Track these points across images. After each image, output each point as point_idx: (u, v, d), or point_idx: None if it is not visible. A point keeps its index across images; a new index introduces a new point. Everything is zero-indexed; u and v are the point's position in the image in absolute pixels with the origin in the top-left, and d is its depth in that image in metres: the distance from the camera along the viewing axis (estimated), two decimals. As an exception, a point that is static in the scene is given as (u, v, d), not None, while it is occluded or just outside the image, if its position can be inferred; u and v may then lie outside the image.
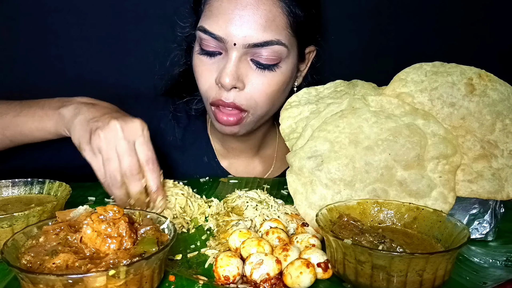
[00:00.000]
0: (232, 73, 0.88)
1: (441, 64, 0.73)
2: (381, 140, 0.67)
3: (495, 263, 0.64)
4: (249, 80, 0.91)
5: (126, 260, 0.49)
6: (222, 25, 0.87)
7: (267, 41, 0.88)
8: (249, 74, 0.91)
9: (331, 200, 0.65)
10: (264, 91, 0.92)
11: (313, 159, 0.68)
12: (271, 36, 0.88)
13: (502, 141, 0.68)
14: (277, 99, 0.96)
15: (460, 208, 0.69)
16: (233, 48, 0.88)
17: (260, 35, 0.87)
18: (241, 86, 0.90)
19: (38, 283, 0.46)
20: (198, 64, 0.94)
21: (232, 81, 0.88)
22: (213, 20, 0.89)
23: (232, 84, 0.88)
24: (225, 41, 0.88)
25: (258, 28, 0.87)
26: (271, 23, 0.88)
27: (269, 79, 0.92)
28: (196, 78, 0.96)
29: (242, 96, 0.91)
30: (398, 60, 0.83)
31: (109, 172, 0.71)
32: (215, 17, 0.89)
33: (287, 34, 0.91)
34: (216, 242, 0.68)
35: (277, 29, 0.89)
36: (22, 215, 0.59)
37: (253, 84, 0.91)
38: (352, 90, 0.77)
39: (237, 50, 0.88)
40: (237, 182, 0.99)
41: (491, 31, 1.61)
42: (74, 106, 0.80)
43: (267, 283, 0.54)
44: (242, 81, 0.90)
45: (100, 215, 0.54)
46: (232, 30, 0.87)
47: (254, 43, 0.87)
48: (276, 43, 0.89)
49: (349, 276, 0.53)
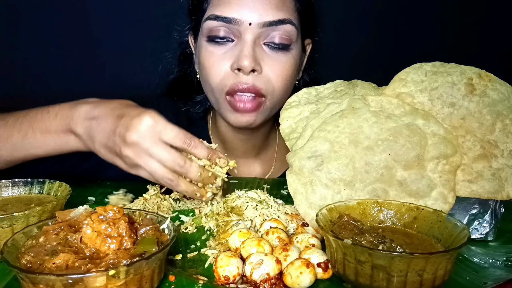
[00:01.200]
0: (251, 55, 0.89)
1: (441, 64, 0.73)
2: (381, 140, 0.67)
3: (495, 263, 0.64)
4: (266, 63, 0.91)
5: (126, 260, 0.49)
6: (235, 7, 0.89)
7: (281, 19, 0.90)
8: (264, 58, 0.92)
9: (331, 200, 0.65)
10: (280, 74, 0.93)
11: (313, 159, 0.68)
12: (284, 15, 0.91)
13: (502, 141, 0.68)
14: (290, 85, 0.97)
15: (460, 208, 0.69)
16: (247, 30, 0.89)
17: (275, 13, 0.89)
18: (259, 69, 0.91)
19: (38, 283, 0.46)
20: (208, 56, 0.93)
21: (252, 62, 0.88)
22: (224, 6, 0.90)
23: (252, 66, 0.88)
24: (239, 23, 0.89)
25: (272, 7, 0.89)
26: (283, 4, 0.91)
27: (283, 62, 0.93)
28: (206, 72, 0.94)
29: (261, 80, 0.91)
30: (398, 60, 0.83)
31: (161, 179, 0.71)
32: (227, 2, 0.90)
33: (296, 17, 0.94)
34: (216, 242, 0.68)
35: (288, 10, 0.92)
36: (22, 215, 0.60)
37: (270, 67, 0.92)
38: (352, 90, 0.77)
39: (252, 31, 0.89)
40: (237, 182, 0.99)
41: (491, 31, 1.61)
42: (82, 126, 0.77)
43: (267, 283, 0.54)
44: (259, 64, 0.91)
45: (100, 215, 0.54)
46: (246, 11, 0.88)
47: (270, 21, 0.89)
48: (289, 22, 0.91)
49: (349, 276, 0.53)
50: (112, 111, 0.75)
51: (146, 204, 0.79)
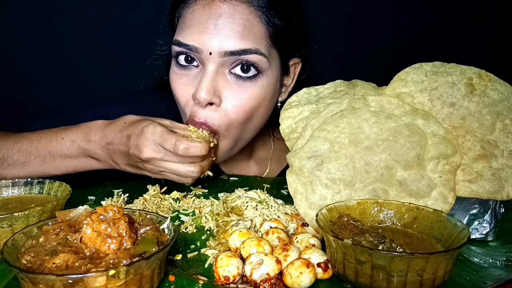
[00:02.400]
0: (208, 88, 0.83)
1: (441, 64, 0.73)
2: (381, 140, 0.67)
3: (495, 263, 0.64)
4: (226, 94, 0.86)
5: (126, 260, 0.49)
6: (196, 35, 0.84)
7: (244, 49, 0.83)
8: (226, 88, 0.86)
9: (331, 200, 0.65)
10: (242, 107, 0.86)
11: (313, 159, 0.68)
12: (249, 44, 0.84)
13: (502, 141, 0.68)
14: (257, 116, 0.91)
15: (460, 208, 0.69)
16: (209, 59, 0.84)
17: (237, 43, 0.83)
18: (217, 102, 0.85)
19: (38, 283, 0.46)
20: (174, 78, 0.90)
21: (208, 96, 0.83)
22: (186, 32, 0.86)
23: (208, 99, 0.83)
24: (200, 51, 0.84)
25: (235, 35, 0.83)
26: (249, 32, 0.84)
27: (248, 92, 0.86)
28: (174, 93, 0.92)
29: (215, 115, 0.86)
30: (398, 60, 0.83)
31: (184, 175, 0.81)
32: (188, 28, 0.86)
33: (267, 44, 0.86)
34: (216, 242, 0.68)
35: (255, 38, 0.85)
36: (22, 215, 0.59)
37: (230, 99, 0.86)
38: (352, 90, 0.77)
39: (214, 61, 0.84)
40: (236, 179, 0.99)
41: (491, 31, 1.61)
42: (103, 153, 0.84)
43: (267, 283, 0.54)
44: (219, 96, 0.85)
45: (100, 215, 0.54)
46: (207, 39, 0.83)
47: (231, 51, 0.83)
48: (255, 52, 0.84)
49: (349, 276, 0.53)
50: (120, 133, 0.82)
51: (146, 204, 0.80)
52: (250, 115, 0.89)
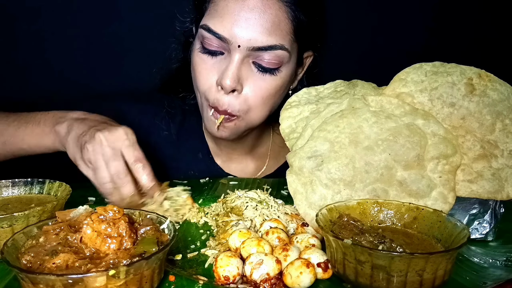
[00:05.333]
0: (233, 76, 0.87)
1: (441, 64, 0.73)
2: (381, 140, 0.67)
3: (495, 263, 0.64)
4: (248, 83, 0.90)
5: (126, 260, 0.49)
6: (227, 25, 0.87)
7: (271, 46, 0.88)
8: (249, 77, 0.90)
9: (331, 200, 0.65)
10: (260, 95, 0.92)
11: (313, 159, 0.68)
12: (276, 40, 0.88)
13: (502, 141, 0.68)
14: (272, 103, 0.96)
15: (460, 208, 0.69)
16: (236, 50, 0.87)
17: (265, 39, 0.87)
18: (239, 89, 0.90)
19: (38, 283, 0.46)
20: (199, 63, 0.93)
21: (233, 83, 0.87)
22: (217, 20, 0.88)
23: (232, 87, 0.88)
24: (229, 42, 0.87)
25: (264, 32, 0.86)
26: (276, 28, 0.88)
27: (268, 83, 0.92)
28: (195, 77, 0.95)
29: (236, 102, 0.91)
30: (398, 60, 0.83)
31: (99, 180, 0.73)
32: (220, 17, 0.88)
33: (290, 39, 0.91)
34: (216, 242, 0.68)
35: (281, 34, 0.89)
36: (22, 215, 0.59)
37: (251, 87, 0.91)
38: (352, 90, 0.77)
39: (240, 52, 0.87)
40: (237, 183, 0.99)
41: (491, 31, 1.61)
42: (67, 123, 0.83)
43: (267, 283, 0.54)
44: (242, 83, 0.90)
45: (100, 215, 0.54)
46: (238, 32, 0.86)
47: (259, 47, 0.87)
48: (280, 48, 0.89)
49: (349, 276, 0.53)
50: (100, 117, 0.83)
51: None
52: (266, 102, 0.94)
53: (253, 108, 0.93)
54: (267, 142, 1.16)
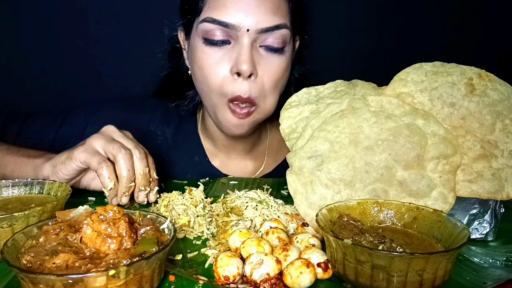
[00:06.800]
0: (250, 59, 0.90)
1: (441, 64, 0.73)
2: (381, 140, 0.67)
3: (495, 263, 0.64)
4: (261, 66, 0.92)
5: (126, 260, 0.49)
6: (233, 12, 0.89)
7: (277, 25, 0.91)
8: (260, 61, 0.92)
9: (331, 200, 0.65)
10: (273, 77, 0.94)
11: (313, 159, 0.68)
12: (280, 20, 0.91)
13: (502, 141, 0.68)
14: (281, 87, 0.98)
15: (460, 208, 0.69)
16: (245, 35, 0.89)
17: (271, 19, 0.90)
18: (255, 74, 0.92)
19: (38, 283, 0.46)
20: (205, 57, 0.93)
21: (250, 67, 0.89)
22: (221, 10, 0.90)
23: (250, 70, 0.89)
24: (237, 28, 0.89)
25: (268, 13, 0.90)
26: (278, 8, 0.92)
27: (277, 63, 0.94)
28: (203, 74, 0.94)
29: (255, 87, 0.92)
30: (398, 60, 0.83)
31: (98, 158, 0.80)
32: (223, 6, 0.90)
33: (290, 19, 0.95)
34: (216, 242, 0.68)
35: (283, 13, 0.93)
36: (22, 215, 0.59)
37: (265, 70, 0.93)
38: (352, 90, 0.77)
39: (249, 36, 0.89)
40: (237, 183, 0.99)
41: (490, 31, 1.61)
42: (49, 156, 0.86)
43: (267, 283, 0.54)
44: (256, 68, 0.92)
45: (100, 215, 0.54)
46: (244, 17, 0.88)
47: (267, 27, 0.90)
48: (284, 26, 0.92)
49: (349, 276, 0.53)
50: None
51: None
52: (277, 85, 0.97)
53: (268, 94, 0.95)
54: (265, 141, 1.16)
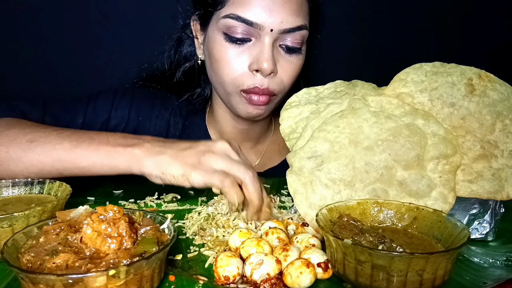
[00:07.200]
0: (271, 58, 0.91)
1: (441, 64, 0.73)
2: (381, 140, 0.67)
3: (495, 263, 0.64)
4: (280, 65, 0.95)
5: (126, 260, 0.49)
6: (258, 11, 0.90)
7: (299, 26, 0.93)
8: (280, 59, 0.95)
9: (331, 200, 0.65)
10: (291, 75, 0.97)
11: (313, 159, 0.68)
12: (301, 21, 0.94)
13: (502, 141, 0.68)
14: (297, 82, 1.02)
15: (460, 208, 0.69)
16: (268, 34, 0.91)
17: (294, 20, 0.92)
18: (275, 71, 0.94)
19: (38, 283, 0.46)
20: (225, 52, 0.95)
21: (272, 66, 0.91)
22: (247, 8, 0.91)
23: (271, 69, 0.91)
24: (261, 28, 0.90)
25: (292, 14, 0.91)
26: (300, 8, 0.94)
27: (295, 63, 0.97)
28: (220, 66, 0.96)
29: (274, 82, 0.95)
30: (398, 60, 0.83)
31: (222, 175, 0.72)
32: (248, 4, 0.91)
33: (309, 19, 0.98)
34: (216, 242, 0.68)
35: (304, 14, 0.95)
36: (22, 215, 0.59)
37: (283, 68, 0.95)
38: (352, 90, 0.77)
39: (271, 36, 0.91)
40: None
41: (490, 31, 1.61)
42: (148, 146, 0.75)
43: (267, 283, 0.54)
44: (276, 66, 0.94)
45: (100, 215, 0.54)
46: (269, 16, 0.90)
47: (289, 28, 0.91)
48: (305, 27, 0.95)
49: (349, 276, 0.53)
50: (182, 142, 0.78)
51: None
52: (294, 81, 1.00)
53: (286, 88, 0.98)
54: (270, 137, 1.18)
